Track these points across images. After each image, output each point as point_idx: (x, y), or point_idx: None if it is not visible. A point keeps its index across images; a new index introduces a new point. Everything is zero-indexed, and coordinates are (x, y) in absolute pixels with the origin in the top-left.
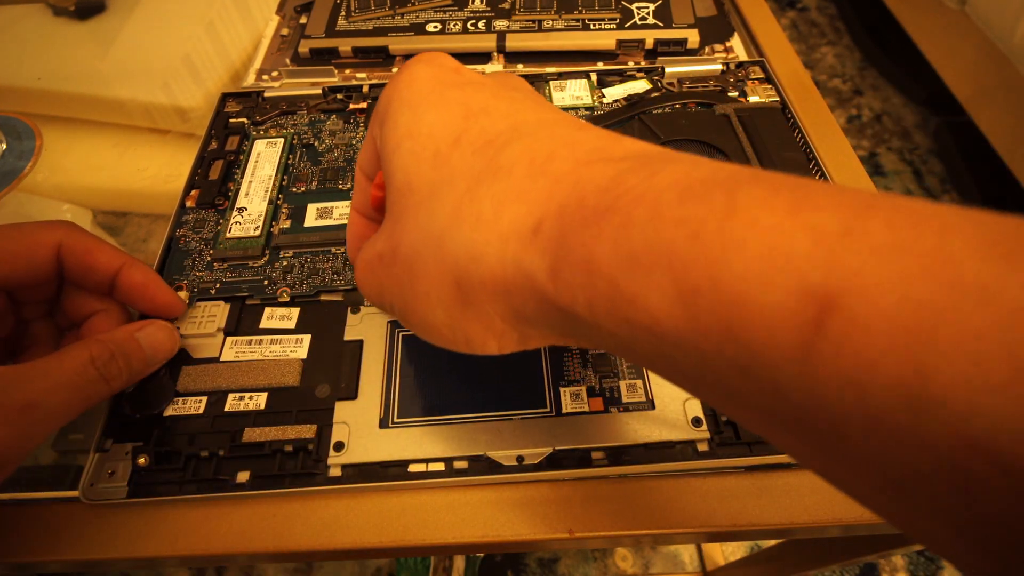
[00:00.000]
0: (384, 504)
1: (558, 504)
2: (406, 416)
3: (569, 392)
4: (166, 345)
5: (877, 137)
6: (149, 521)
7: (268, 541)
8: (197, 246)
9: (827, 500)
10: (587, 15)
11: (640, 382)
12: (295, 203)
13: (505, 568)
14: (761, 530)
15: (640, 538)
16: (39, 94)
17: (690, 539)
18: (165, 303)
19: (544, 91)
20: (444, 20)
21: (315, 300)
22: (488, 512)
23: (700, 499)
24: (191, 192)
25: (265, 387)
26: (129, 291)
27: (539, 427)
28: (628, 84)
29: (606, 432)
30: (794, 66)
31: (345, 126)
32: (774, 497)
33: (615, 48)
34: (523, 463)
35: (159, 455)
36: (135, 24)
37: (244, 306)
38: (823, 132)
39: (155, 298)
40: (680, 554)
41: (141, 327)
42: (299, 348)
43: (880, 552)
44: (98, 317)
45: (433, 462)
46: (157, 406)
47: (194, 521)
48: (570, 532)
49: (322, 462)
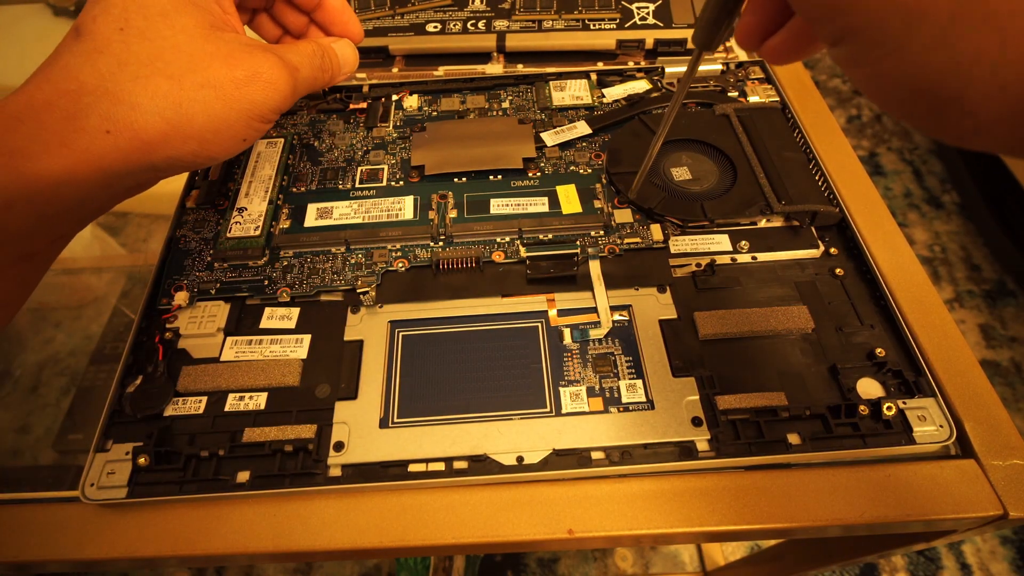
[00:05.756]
0: (384, 504)
1: (558, 504)
2: (406, 416)
3: (569, 392)
4: (351, 60)
5: (877, 137)
6: (149, 521)
7: (268, 541)
8: (197, 246)
9: (827, 500)
10: (587, 15)
11: (640, 382)
12: (295, 203)
13: (505, 568)
14: (761, 530)
15: (640, 538)
16: None
17: (690, 539)
18: (355, 29)
19: (544, 91)
20: (444, 20)
21: (315, 300)
22: (488, 512)
23: (700, 499)
24: (191, 192)
25: (265, 387)
26: (330, 11)
27: (539, 427)
28: (628, 84)
29: (606, 432)
30: (794, 66)
31: (345, 126)
32: (774, 497)
33: (615, 48)
34: (523, 463)
35: (159, 455)
36: None
37: (244, 306)
38: (823, 132)
39: (347, 23)
40: (680, 554)
41: (335, 41)
42: (299, 348)
43: (880, 552)
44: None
45: (433, 462)
46: (157, 406)
47: (194, 521)
48: (570, 532)
49: (322, 462)
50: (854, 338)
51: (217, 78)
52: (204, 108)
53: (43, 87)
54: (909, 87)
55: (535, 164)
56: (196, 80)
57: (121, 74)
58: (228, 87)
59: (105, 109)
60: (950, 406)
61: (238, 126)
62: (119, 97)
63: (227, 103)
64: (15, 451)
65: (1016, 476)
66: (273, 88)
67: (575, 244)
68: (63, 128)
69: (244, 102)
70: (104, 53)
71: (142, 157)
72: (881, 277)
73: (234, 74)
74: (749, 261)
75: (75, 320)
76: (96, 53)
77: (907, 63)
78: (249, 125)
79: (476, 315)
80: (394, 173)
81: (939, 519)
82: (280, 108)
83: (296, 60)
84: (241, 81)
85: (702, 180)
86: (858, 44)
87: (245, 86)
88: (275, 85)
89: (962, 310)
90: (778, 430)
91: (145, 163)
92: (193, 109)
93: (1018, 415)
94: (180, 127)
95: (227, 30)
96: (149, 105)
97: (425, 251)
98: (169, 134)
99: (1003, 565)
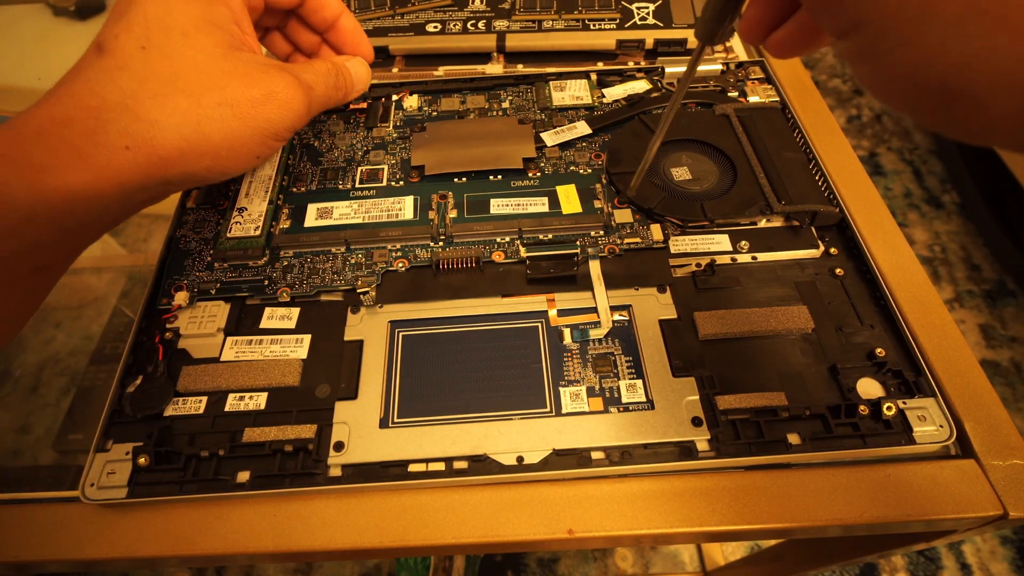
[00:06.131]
0: (384, 504)
1: (558, 504)
2: (406, 416)
3: (569, 392)
4: (364, 78)
5: (877, 137)
6: (149, 521)
7: (268, 541)
8: (197, 246)
9: (827, 500)
10: (587, 15)
11: (640, 382)
12: (295, 203)
13: (505, 568)
14: (761, 530)
15: (640, 538)
16: (39, 94)
17: (690, 539)
18: (367, 50)
19: (544, 91)
20: (444, 20)
21: (315, 300)
22: (488, 512)
23: (700, 499)
24: (191, 192)
25: (265, 387)
26: (343, 32)
27: (539, 427)
28: (628, 84)
29: (606, 432)
30: (794, 66)
31: (345, 126)
32: (774, 497)
33: (615, 48)
34: (523, 463)
35: (159, 455)
36: None
37: (244, 306)
38: (823, 132)
39: (360, 44)
40: (680, 554)
41: (349, 59)
42: (299, 348)
43: (880, 552)
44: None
45: (433, 462)
46: (157, 406)
47: (194, 521)
48: (570, 532)
49: (322, 462)
50: (854, 338)
51: (234, 97)
52: (221, 126)
53: (65, 102)
54: (919, 81)
55: (535, 164)
56: (214, 99)
57: (142, 91)
58: (245, 106)
59: (125, 125)
60: (950, 406)
61: (252, 143)
62: (139, 114)
63: (243, 121)
64: (15, 451)
65: (1016, 476)
66: (288, 107)
67: (575, 244)
68: (84, 143)
69: (260, 120)
70: (126, 70)
71: (159, 172)
72: (881, 277)
73: (251, 93)
74: (749, 261)
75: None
76: (118, 70)
77: (919, 56)
78: (263, 143)
79: (476, 315)
80: (394, 173)
81: (939, 519)
82: (295, 127)
83: (311, 79)
84: (257, 100)
85: (702, 180)
86: (867, 37)
87: (261, 105)
88: (291, 104)
89: (962, 310)
90: (778, 430)
91: (161, 178)
92: (210, 127)
93: (1018, 415)
94: (197, 144)
95: (245, 50)
96: (168, 122)
97: (425, 251)
98: (186, 150)
99: (1003, 565)
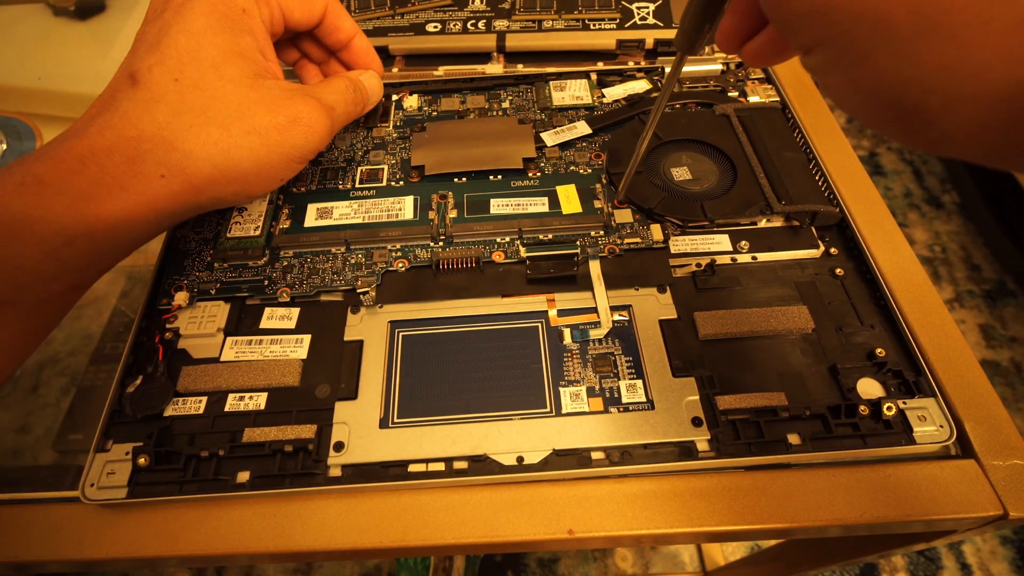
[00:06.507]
0: (384, 504)
1: (558, 504)
2: (406, 416)
3: (569, 392)
4: (378, 90)
5: (877, 137)
6: (149, 521)
7: (268, 541)
8: (197, 246)
9: (827, 500)
10: (587, 15)
11: (640, 382)
12: (295, 203)
13: (505, 568)
14: (761, 530)
15: (640, 538)
16: (39, 94)
17: (690, 539)
18: (377, 65)
19: (544, 91)
20: (444, 20)
21: (315, 300)
22: (488, 512)
23: (700, 499)
24: None
25: (265, 387)
26: (356, 52)
27: (539, 427)
28: (628, 84)
29: (606, 432)
30: (794, 66)
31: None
32: (774, 497)
33: (615, 48)
34: (523, 463)
35: (159, 455)
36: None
37: (244, 306)
38: (823, 132)
39: (371, 62)
40: (680, 554)
41: (362, 73)
42: (299, 348)
43: (880, 552)
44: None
45: (433, 462)
46: (157, 406)
47: (194, 521)
48: (570, 532)
49: (322, 462)
50: (854, 338)
51: (262, 124)
52: (250, 153)
53: (105, 133)
54: (877, 96)
55: (535, 164)
56: (243, 127)
57: (177, 123)
58: (272, 133)
59: (162, 156)
60: (950, 406)
61: (278, 167)
62: (174, 144)
63: (270, 148)
64: (15, 451)
65: (1016, 476)
66: (312, 131)
67: (575, 244)
68: (123, 173)
69: (286, 146)
70: (161, 103)
71: (190, 198)
72: (881, 277)
73: (276, 120)
74: (749, 261)
75: (75, 320)
76: (154, 103)
77: (875, 73)
78: (288, 166)
79: (476, 315)
80: (394, 173)
81: (939, 519)
82: (318, 148)
83: (332, 99)
84: (283, 126)
85: (702, 180)
86: (828, 53)
87: (287, 131)
88: (314, 127)
89: (962, 310)
90: (778, 430)
91: (192, 203)
92: (240, 155)
93: (1018, 415)
94: (227, 171)
95: (269, 77)
96: (201, 152)
97: (425, 251)
98: (216, 177)
99: (1003, 565)
